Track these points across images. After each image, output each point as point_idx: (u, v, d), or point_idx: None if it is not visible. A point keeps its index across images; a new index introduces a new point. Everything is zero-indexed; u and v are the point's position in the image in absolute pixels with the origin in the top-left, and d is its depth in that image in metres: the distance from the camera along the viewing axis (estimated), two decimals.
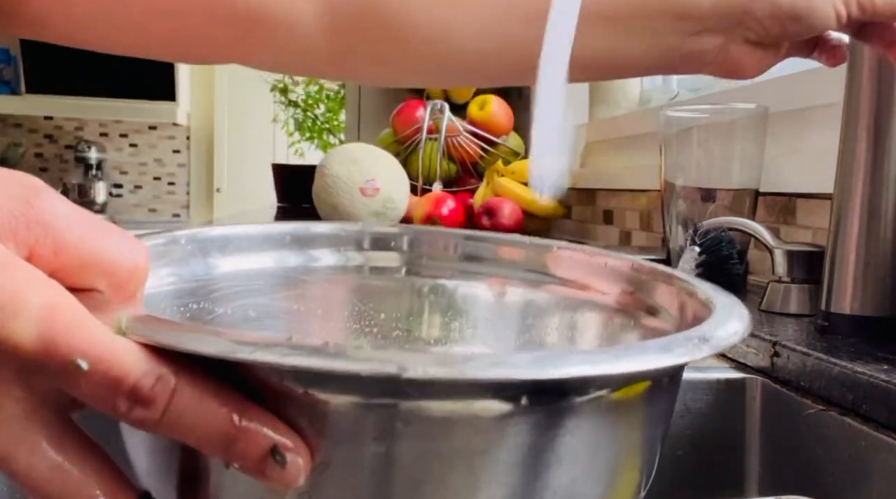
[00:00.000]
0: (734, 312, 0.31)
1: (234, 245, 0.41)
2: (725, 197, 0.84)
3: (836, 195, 0.61)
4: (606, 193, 1.48)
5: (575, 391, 0.25)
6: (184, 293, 0.39)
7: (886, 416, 0.47)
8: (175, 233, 0.39)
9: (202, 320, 0.39)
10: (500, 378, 0.23)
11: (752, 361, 0.61)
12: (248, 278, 0.41)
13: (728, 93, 1.06)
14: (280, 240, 0.43)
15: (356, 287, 0.45)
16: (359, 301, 0.45)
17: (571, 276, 0.43)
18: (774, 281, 0.71)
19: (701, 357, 0.26)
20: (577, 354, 0.24)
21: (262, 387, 0.24)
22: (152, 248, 0.37)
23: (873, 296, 0.59)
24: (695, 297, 0.35)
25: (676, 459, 0.60)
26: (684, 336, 0.27)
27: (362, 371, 0.22)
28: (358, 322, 0.45)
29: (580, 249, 0.43)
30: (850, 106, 0.60)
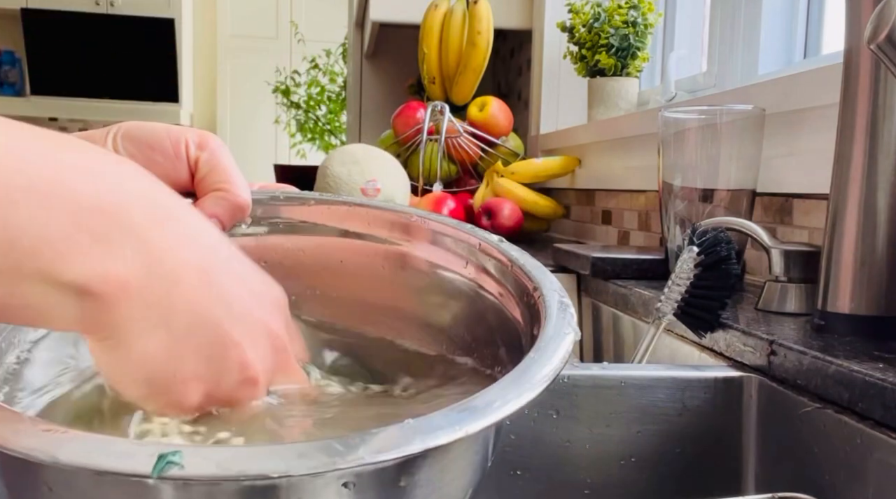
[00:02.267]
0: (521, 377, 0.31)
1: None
2: (723, 197, 0.85)
3: (832, 195, 0.62)
4: (605, 193, 1.48)
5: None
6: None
7: (882, 414, 0.47)
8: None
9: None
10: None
11: (749, 359, 0.62)
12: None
13: (725, 94, 1.06)
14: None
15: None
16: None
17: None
18: (771, 280, 0.71)
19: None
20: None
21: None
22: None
23: (869, 295, 0.59)
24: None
25: (674, 456, 0.60)
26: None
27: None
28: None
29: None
30: (847, 107, 0.61)
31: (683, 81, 1.39)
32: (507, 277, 0.43)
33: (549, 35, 1.78)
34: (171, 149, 0.42)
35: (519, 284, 0.41)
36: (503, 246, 0.44)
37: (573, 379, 0.60)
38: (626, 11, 1.48)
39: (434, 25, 1.74)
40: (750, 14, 1.17)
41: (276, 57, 5.34)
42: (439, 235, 0.46)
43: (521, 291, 0.41)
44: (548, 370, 0.32)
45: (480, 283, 0.44)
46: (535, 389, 0.31)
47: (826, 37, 1.11)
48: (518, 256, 0.43)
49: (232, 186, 0.42)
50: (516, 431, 0.60)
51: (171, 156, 0.42)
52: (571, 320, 0.36)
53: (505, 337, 0.42)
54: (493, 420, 0.28)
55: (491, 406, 0.29)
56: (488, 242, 0.44)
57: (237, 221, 0.43)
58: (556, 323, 0.36)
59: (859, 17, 0.59)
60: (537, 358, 0.33)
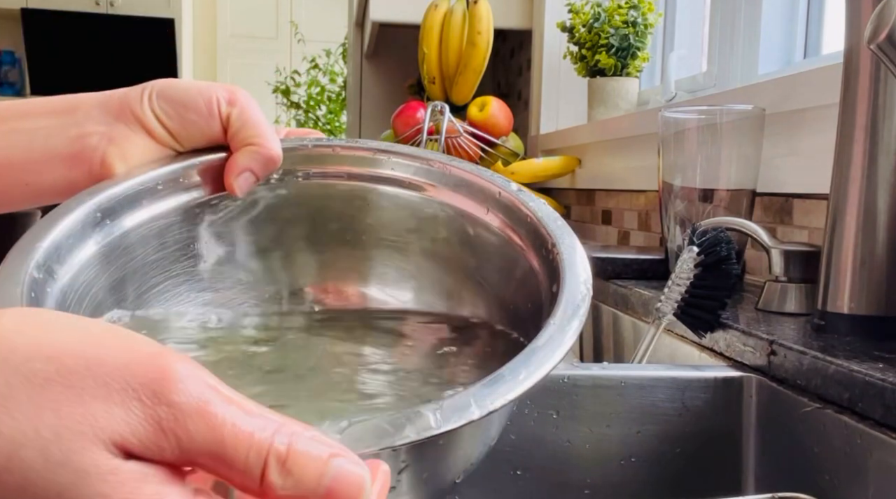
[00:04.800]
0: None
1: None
2: (723, 197, 0.85)
3: (832, 195, 0.62)
4: (605, 193, 1.48)
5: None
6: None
7: (882, 414, 0.47)
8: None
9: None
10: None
11: (749, 359, 0.62)
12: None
13: (725, 94, 1.06)
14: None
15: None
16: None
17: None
18: (771, 280, 0.71)
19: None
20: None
21: None
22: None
23: (869, 295, 0.59)
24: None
25: (674, 456, 0.60)
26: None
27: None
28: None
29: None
30: (847, 107, 0.61)
31: (683, 81, 1.39)
32: (527, 227, 0.43)
33: (549, 35, 1.78)
34: (205, 107, 0.44)
35: (538, 236, 0.41)
36: (521, 196, 0.44)
37: (573, 379, 0.60)
38: (626, 11, 1.48)
39: (434, 25, 1.74)
40: (750, 14, 1.17)
41: (276, 57, 5.34)
42: (461, 181, 0.46)
43: (539, 243, 0.41)
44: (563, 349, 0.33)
45: (504, 231, 0.44)
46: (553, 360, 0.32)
47: (826, 37, 1.11)
48: (536, 208, 0.43)
49: (263, 140, 0.44)
50: (516, 431, 0.60)
51: (205, 114, 0.44)
52: (587, 281, 0.37)
53: (524, 289, 0.42)
54: (521, 391, 0.30)
55: (516, 379, 0.30)
56: (508, 191, 0.44)
57: (269, 173, 0.45)
58: (570, 290, 0.36)
59: (859, 17, 0.59)
60: (556, 330, 0.33)
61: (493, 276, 0.45)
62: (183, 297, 0.45)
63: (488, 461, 0.59)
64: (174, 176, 0.44)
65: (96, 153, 0.43)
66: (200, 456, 0.24)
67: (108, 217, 0.41)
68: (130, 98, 0.44)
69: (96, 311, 0.40)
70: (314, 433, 0.25)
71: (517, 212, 0.43)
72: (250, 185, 0.44)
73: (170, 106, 0.44)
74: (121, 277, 0.42)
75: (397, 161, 0.47)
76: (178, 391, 0.24)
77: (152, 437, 0.23)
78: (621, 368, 0.62)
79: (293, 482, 0.24)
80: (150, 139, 0.44)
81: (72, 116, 0.44)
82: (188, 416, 0.23)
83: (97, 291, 0.40)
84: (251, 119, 0.44)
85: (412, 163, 0.47)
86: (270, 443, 0.24)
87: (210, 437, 0.24)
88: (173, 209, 0.44)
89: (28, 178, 0.44)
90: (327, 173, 0.47)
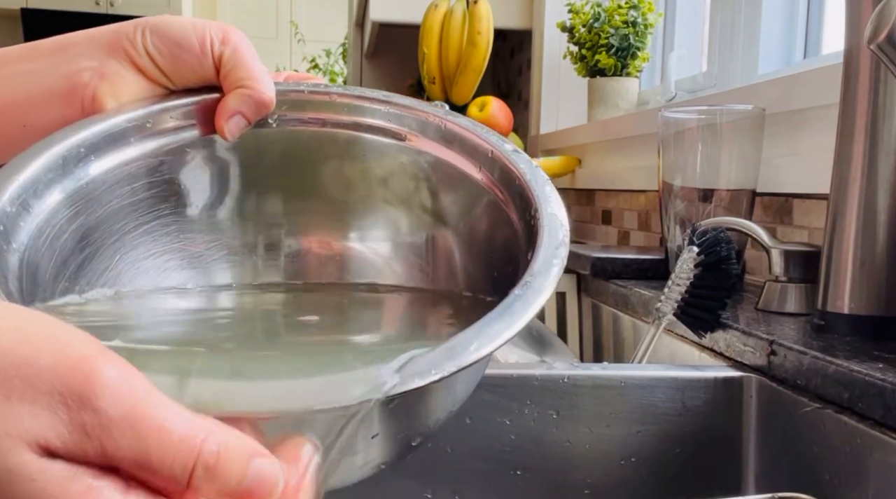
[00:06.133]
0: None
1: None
2: (723, 197, 0.85)
3: (832, 195, 0.62)
4: (605, 193, 1.48)
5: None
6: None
7: (882, 414, 0.47)
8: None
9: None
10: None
11: (749, 359, 0.62)
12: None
13: (725, 94, 1.06)
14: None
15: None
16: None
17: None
18: (771, 280, 0.71)
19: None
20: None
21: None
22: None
23: (869, 295, 0.59)
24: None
25: (674, 456, 0.60)
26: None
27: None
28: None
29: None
30: (847, 107, 0.61)
31: (683, 81, 1.39)
32: (514, 190, 0.41)
33: (549, 35, 1.78)
34: (198, 46, 0.43)
35: (524, 198, 0.40)
36: (514, 157, 0.42)
37: (573, 379, 0.60)
38: (626, 11, 1.48)
39: (434, 25, 1.74)
40: (750, 14, 1.17)
41: (276, 57, 5.34)
42: (455, 136, 0.45)
43: (525, 206, 0.40)
44: (528, 315, 0.32)
45: (492, 190, 0.43)
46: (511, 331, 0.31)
47: (826, 37, 1.11)
48: (526, 170, 0.41)
49: (255, 83, 0.43)
50: (516, 431, 0.60)
51: (198, 53, 0.43)
52: (561, 251, 0.36)
53: (506, 253, 0.41)
54: (469, 361, 0.30)
55: (468, 349, 0.30)
56: (501, 151, 0.43)
57: (261, 116, 0.44)
58: (544, 255, 0.35)
59: (859, 17, 0.59)
60: (522, 296, 0.33)
61: (476, 235, 0.44)
62: (158, 243, 0.44)
63: (488, 461, 0.59)
64: (161, 115, 0.43)
65: (88, 90, 0.42)
66: (125, 461, 0.24)
67: (92, 153, 0.40)
68: (122, 34, 0.43)
69: (70, 256, 0.39)
70: (238, 435, 0.25)
71: (508, 173, 0.42)
72: (241, 128, 0.43)
73: (162, 43, 0.42)
74: (95, 220, 0.41)
75: (393, 112, 0.46)
76: (103, 397, 0.24)
77: (77, 441, 0.24)
78: (621, 368, 0.62)
79: (218, 486, 0.25)
80: (142, 76, 0.43)
81: (65, 54, 0.43)
82: (113, 422, 0.24)
83: (72, 233, 0.39)
84: (243, 60, 0.43)
85: (408, 114, 0.46)
86: (199, 451, 0.24)
87: (135, 444, 0.24)
88: (155, 150, 0.43)
89: (26, 119, 0.43)
90: (321, 120, 0.46)
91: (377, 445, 0.33)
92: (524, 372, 0.60)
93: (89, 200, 0.40)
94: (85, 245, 0.41)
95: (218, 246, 0.46)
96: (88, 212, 0.40)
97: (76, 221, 0.40)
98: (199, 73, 0.43)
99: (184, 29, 0.43)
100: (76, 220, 0.40)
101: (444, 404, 0.36)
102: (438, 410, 0.36)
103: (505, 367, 0.62)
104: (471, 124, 0.45)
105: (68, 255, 0.40)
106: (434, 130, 0.45)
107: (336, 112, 0.46)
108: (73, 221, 0.40)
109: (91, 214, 0.40)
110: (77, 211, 0.40)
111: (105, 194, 0.41)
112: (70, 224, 0.39)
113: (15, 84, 0.43)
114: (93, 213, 0.41)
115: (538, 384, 0.60)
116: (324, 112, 0.46)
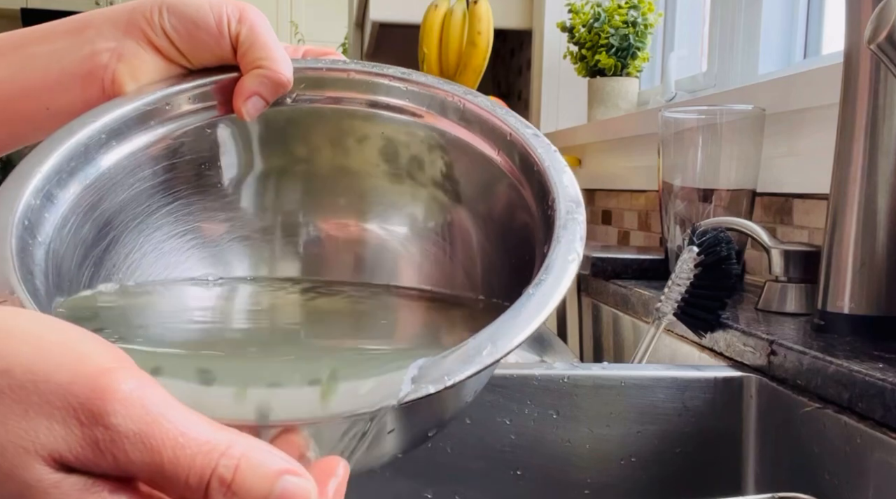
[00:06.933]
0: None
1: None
2: (723, 197, 0.85)
3: (832, 195, 0.62)
4: (605, 193, 1.48)
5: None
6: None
7: (882, 414, 0.47)
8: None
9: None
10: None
11: (749, 359, 0.62)
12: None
13: (725, 94, 1.06)
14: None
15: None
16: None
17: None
18: (771, 280, 0.71)
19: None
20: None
21: None
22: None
23: (869, 295, 0.59)
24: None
25: (674, 456, 0.60)
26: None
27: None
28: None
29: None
30: (847, 107, 0.61)
31: (683, 81, 1.39)
32: (532, 176, 0.40)
33: (549, 35, 1.78)
34: (215, 26, 0.42)
35: (542, 186, 0.39)
36: (533, 141, 0.41)
37: (573, 379, 0.60)
38: (626, 11, 1.48)
39: (434, 25, 1.74)
40: (750, 14, 1.17)
41: None
42: (476, 117, 0.43)
43: (542, 194, 0.39)
44: (542, 315, 0.32)
45: (511, 173, 0.42)
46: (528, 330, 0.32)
47: (826, 37, 1.11)
48: (545, 156, 0.40)
49: (272, 63, 0.42)
50: (516, 431, 0.60)
51: (215, 33, 0.42)
52: (576, 246, 0.35)
53: (524, 244, 0.40)
54: (488, 362, 0.30)
55: (480, 354, 0.30)
56: (520, 135, 0.42)
57: (278, 96, 0.43)
58: (562, 250, 0.35)
59: (859, 17, 0.59)
60: (535, 295, 0.33)
61: (493, 217, 0.43)
62: (179, 223, 0.44)
63: (488, 461, 0.59)
64: (180, 97, 0.42)
65: (107, 71, 0.42)
66: (140, 475, 0.24)
67: (113, 139, 0.40)
68: (139, 13, 0.42)
69: (94, 243, 0.39)
70: (266, 448, 0.25)
71: (527, 158, 0.41)
72: (259, 109, 0.43)
73: (179, 22, 0.42)
74: (119, 204, 0.41)
75: (411, 89, 0.45)
76: (115, 413, 0.24)
77: (90, 456, 0.24)
78: (621, 368, 0.62)
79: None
80: (160, 57, 0.43)
81: (83, 35, 0.43)
82: (125, 438, 0.24)
83: (95, 219, 0.39)
84: (260, 39, 0.42)
85: (426, 92, 0.45)
86: (214, 466, 0.24)
87: (148, 459, 0.24)
88: (175, 131, 0.42)
89: (49, 102, 0.43)
90: (340, 98, 0.45)
91: (392, 439, 0.33)
92: (524, 372, 0.60)
93: (112, 186, 0.40)
94: (108, 230, 0.40)
95: (238, 227, 0.46)
96: (111, 197, 0.40)
97: (100, 206, 0.39)
98: (217, 53, 0.43)
99: (200, 7, 0.42)
100: (100, 206, 0.39)
101: (457, 401, 0.37)
102: (452, 407, 0.37)
103: (505, 367, 0.62)
104: (490, 105, 0.44)
105: (92, 242, 0.39)
106: (453, 110, 0.44)
107: (354, 89, 0.45)
108: (97, 207, 0.39)
109: (114, 199, 0.40)
110: (101, 197, 0.39)
111: (127, 178, 0.41)
112: (94, 211, 0.39)
113: (35, 67, 0.43)
114: (115, 197, 0.40)
115: (538, 384, 0.60)
116: (342, 90, 0.45)
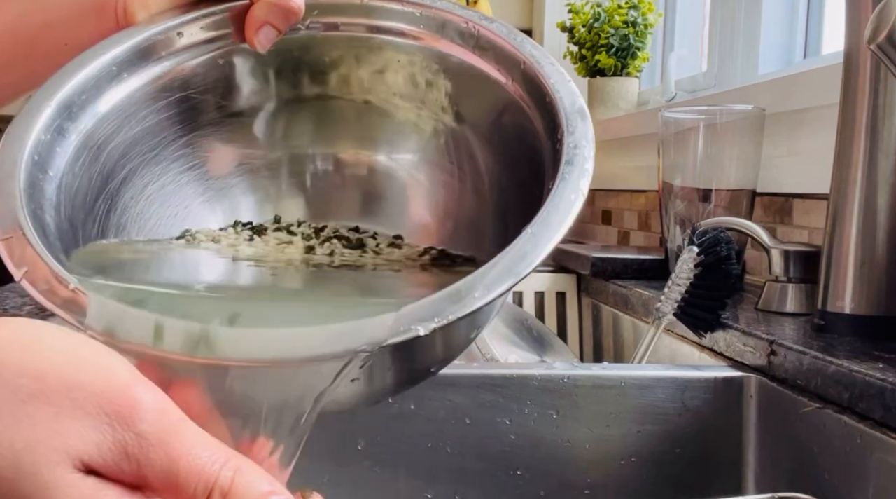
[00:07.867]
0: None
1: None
2: (723, 197, 0.85)
3: (832, 195, 0.62)
4: (605, 193, 1.48)
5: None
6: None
7: (882, 414, 0.47)
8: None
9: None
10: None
11: (749, 359, 0.62)
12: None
13: (725, 94, 1.06)
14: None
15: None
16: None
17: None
18: (771, 280, 0.71)
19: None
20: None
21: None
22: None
23: (869, 295, 0.59)
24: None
25: (675, 456, 0.60)
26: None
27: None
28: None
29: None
30: (847, 107, 0.61)
31: (683, 81, 1.39)
32: (544, 107, 0.39)
33: (549, 35, 1.78)
34: None
35: (552, 118, 0.38)
36: (547, 69, 0.40)
37: (573, 379, 0.60)
38: (626, 11, 1.48)
39: None
40: (750, 14, 1.17)
41: None
42: (490, 44, 0.42)
43: (552, 126, 0.38)
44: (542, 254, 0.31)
45: (522, 102, 0.41)
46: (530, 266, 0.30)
47: (826, 37, 1.11)
48: (558, 85, 0.39)
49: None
50: (516, 431, 0.60)
51: None
52: (582, 183, 0.34)
53: (534, 177, 0.39)
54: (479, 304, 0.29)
55: (472, 295, 0.29)
56: (533, 62, 0.41)
57: (291, 24, 0.42)
58: (566, 187, 0.33)
59: (859, 17, 0.59)
60: (536, 234, 0.31)
61: (499, 137, 0.42)
62: (198, 152, 0.43)
63: (488, 461, 0.59)
64: (191, 26, 0.41)
65: (119, 2, 0.42)
66: (156, 481, 0.26)
67: (124, 71, 0.39)
68: None
69: (109, 176, 0.39)
70: (257, 469, 0.27)
71: (539, 87, 0.40)
72: (271, 39, 0.42)
73: None
74: (133, 137, 0.40)
75: (425, 14, 0.43)
76: (145, 421, 0.26)
77: (116, 458, 0.26)
78: (621, 368, 0.62)
79: None
80: None
81: None
82: (151, 445, 0.26)
83: (110, 152, 0.39)
84: None
85: (441, 16, 0.43)
86: (217, 475, 0.26)
87: (168, 465, 0.26)
88: (187, 62, 0.41)
89: (66, 37, 0.43)
90: (353, 24, 0.44)
91: (392, 376, 0.34)
92: (524, 372, 0.60)
93: (125, 118, 0.39)
94: (125, 162, 0.40)
95: (246, 161, 0.45)
96: (125, 130, 0.39)
97: (114, 139, 0.39)
98: None
99: None
100: (114, 139, 0.39)
101: (453, 340, 0.36)
102: (447, 347, 0.36)
103: (505, 367, 0.62)
104: (506, 31, 0.42)
105: (108, 175, 0.39)
106: (468, 35, 0.43)
107: (367, 16, 0.44)
108: (112, 140, 0.39)
109: (128, 132, 0.40)
110: (114, 130, 0.39)
111: (140, 110, 0.40)
112: (108, 144, 0.39)
113: (48, 3, 0.43)
114: (129, 131, 0.40)
115: (538, 384, 0.60)
116: (355, 16, 0.44)
